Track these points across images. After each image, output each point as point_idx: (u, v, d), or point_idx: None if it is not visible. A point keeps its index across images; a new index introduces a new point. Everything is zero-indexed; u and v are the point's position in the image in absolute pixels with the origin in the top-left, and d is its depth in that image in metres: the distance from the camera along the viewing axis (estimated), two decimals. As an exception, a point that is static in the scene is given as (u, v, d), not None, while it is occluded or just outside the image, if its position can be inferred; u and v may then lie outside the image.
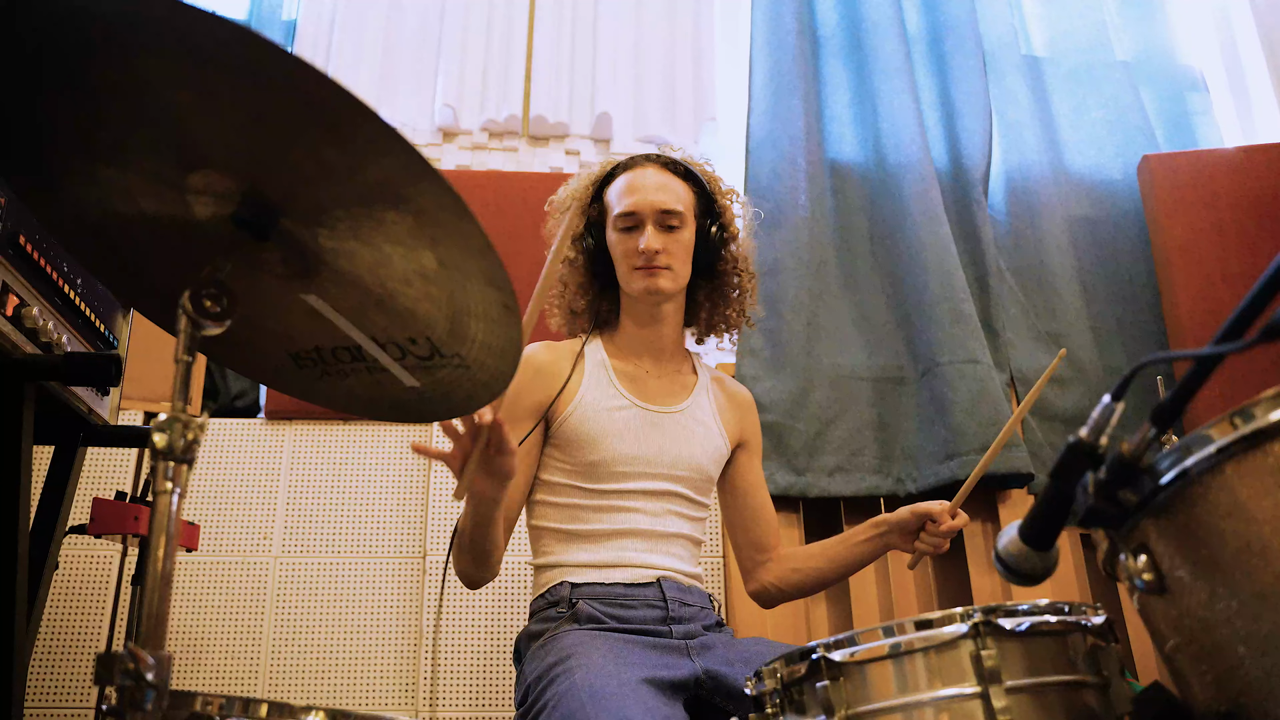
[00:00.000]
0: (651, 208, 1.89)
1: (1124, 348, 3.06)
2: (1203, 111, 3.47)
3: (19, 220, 1.50)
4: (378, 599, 2.53)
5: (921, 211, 2.95)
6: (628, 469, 1.87)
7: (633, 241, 1.90)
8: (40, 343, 1.55)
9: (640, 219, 1.89)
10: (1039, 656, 1.02)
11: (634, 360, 2.00)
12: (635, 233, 1.90)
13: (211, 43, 0.83)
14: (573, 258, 2.00)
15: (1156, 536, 0.86)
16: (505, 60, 3.23)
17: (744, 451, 2.08)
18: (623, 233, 1.92)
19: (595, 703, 1.43)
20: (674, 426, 1.94)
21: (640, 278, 1.90)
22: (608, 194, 1.97)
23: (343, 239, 1.01)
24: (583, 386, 1.91)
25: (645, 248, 1.87)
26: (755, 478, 2.08)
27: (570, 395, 1.90)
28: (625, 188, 1.93)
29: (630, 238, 1.90)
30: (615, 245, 1.94)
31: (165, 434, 0.88)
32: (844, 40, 3.27)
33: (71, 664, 2.38)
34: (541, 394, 1.89)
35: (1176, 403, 0.84)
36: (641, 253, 1.88)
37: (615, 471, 1.87)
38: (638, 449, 1.89)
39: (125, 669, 0.80)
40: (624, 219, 1.90)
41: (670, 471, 1.91)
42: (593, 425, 1.87)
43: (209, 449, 2.62)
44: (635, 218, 1.90)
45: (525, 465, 1.88)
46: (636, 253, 1.88)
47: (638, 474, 1.88)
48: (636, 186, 1.92)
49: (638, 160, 1.98)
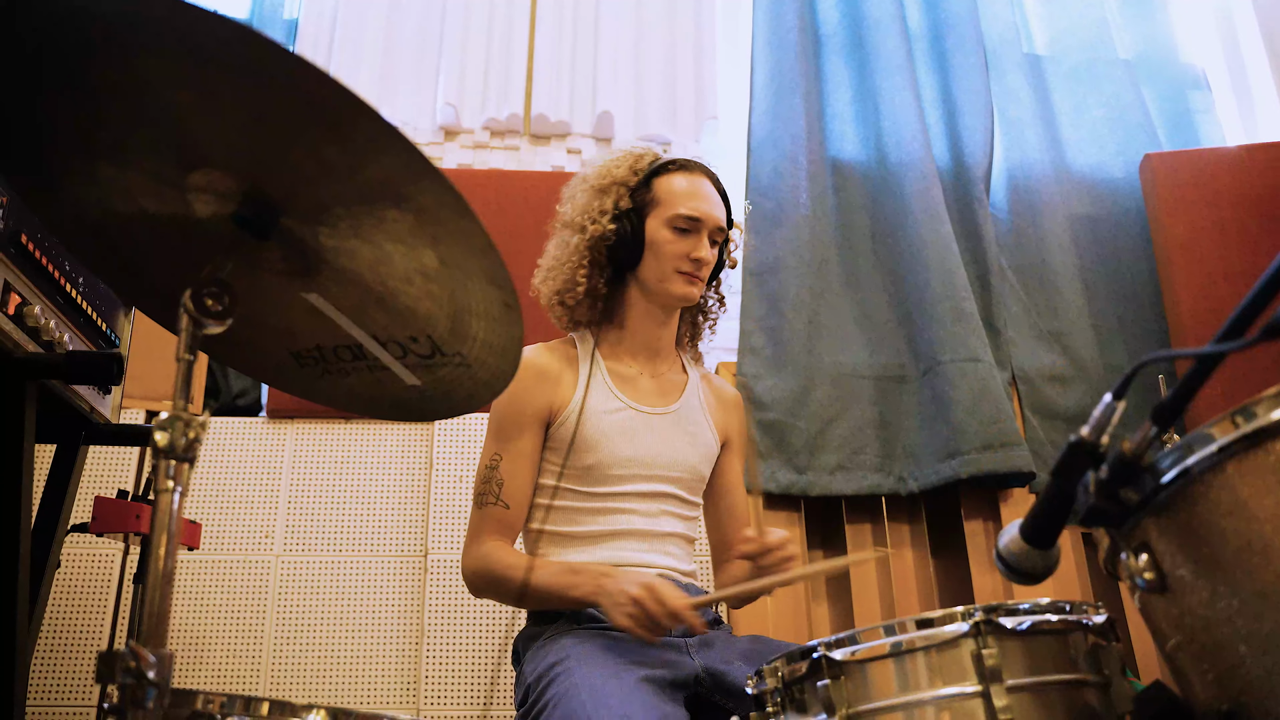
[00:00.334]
0: (714, 221, 1.91)
1: (1125, 346, 3.06)
2: (1204, 110, 3.46)
3: (21, 219, 1.50)
4: (379, 598, 2.53)
5: (923, 210, 2.95)
6: (623, 471, 1.87)
7: (686, 245, 1.89)
8: (42, 341, 1.56)
9: (701, 227, 1.90)
10: (1040, 655, 1.02)
11: (628, 360, 1.99)
12: (690, 237, 1.90)
13: (213, 42, 0.83)
14: (605, 234, 1.93)
15: (1158, 535, 0.86)
16: (506, 59, 3.23)
17: (727, 451, 2.08)
18: (677, 233, 1.90)
19: (596, 701, 1.43)
20: (667, 428, 1.95)
21: (683, 282, 1.90)
22: (661, 186, 1.94)
23: (344, 237, 1.01)
24: (579, 390, 1.91)
25: (702, 257, 1.89)
26: (734, 478, 2.09)
27: (567, 399, 1.89)
28: (692, 191, 1.92)
29: (685, 241, 1.90)
30: (666, 243, 1.91)
31: (167, 433, 0.88)
32: (845, 38, 3.27)
33: (73, 662, 2.38)
34: (544, 399, 1.88)
35: (1178, 401, 0.84)
36: (694, 260, 1.89)
37: (611, 474, 1.87)
38: (633, 451, 1.88)
39: (127, 667, 0.81)
40: (686, 221, 1.90)
41: (665, 473, 1.91)
42: (589, 429, 1.86)
43: (210, 448, 2.62)
44: (698, 224, 1.90)
45: (533, 474, 1.88)
46: (688, 258, 1.89)
47: (633, 476, 1.88)
48: (704, 195, 1.92)
49: (693, 167, 1.96)
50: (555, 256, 1.98)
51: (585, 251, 1.93)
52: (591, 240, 1.93)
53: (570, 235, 1.96)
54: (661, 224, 1.91)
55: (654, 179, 1.95)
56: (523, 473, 1.85)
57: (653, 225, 1.92)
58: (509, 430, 1.87)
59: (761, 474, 2.73)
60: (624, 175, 1.95)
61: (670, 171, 1.95)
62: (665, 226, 1.91)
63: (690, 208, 1.90)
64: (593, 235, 1.92)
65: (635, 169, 1.96)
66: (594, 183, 1.97)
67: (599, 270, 1.95)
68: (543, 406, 1.88)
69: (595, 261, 1.94)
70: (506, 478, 1.84)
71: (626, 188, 1.94)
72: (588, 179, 1.99)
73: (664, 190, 1.93)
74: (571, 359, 1.96)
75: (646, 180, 1.95)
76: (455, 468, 2.65)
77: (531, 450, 1.87)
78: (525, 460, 1.86)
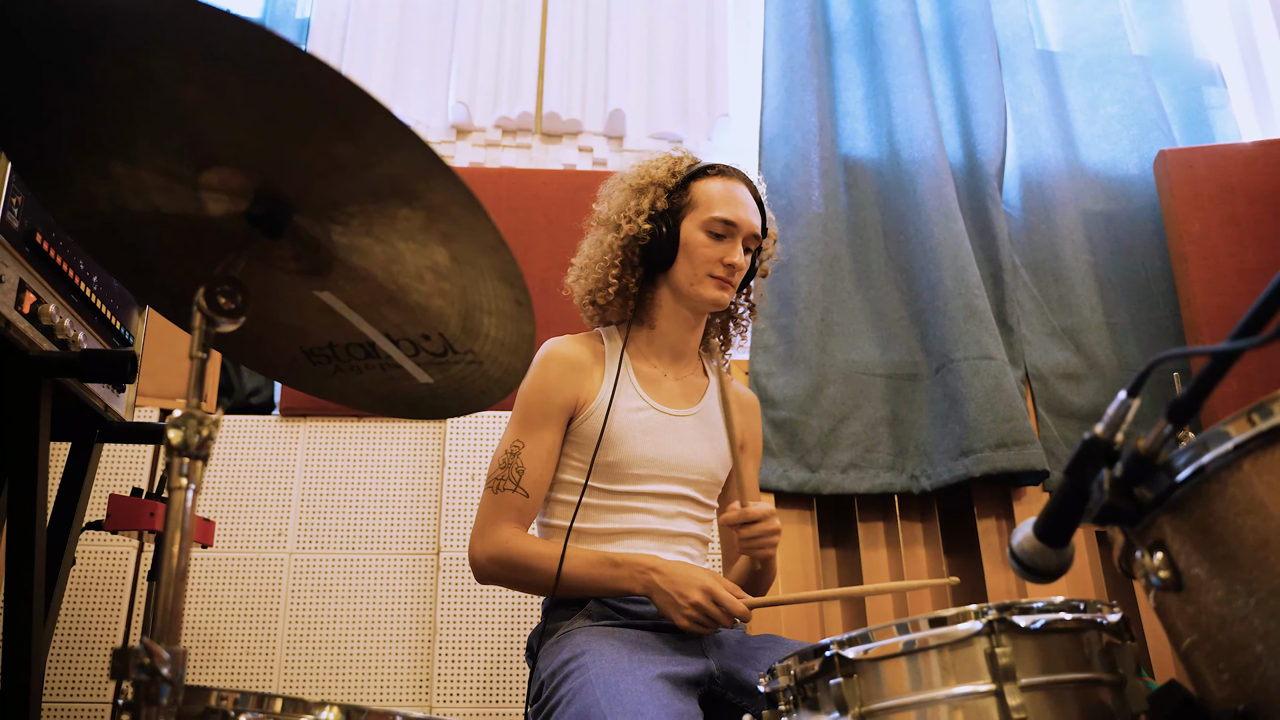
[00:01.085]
0: (749, 227, 1.92)
1: (1139, 343, 3.05)
2: (1220, 106, 3.44)
3: (36, 218, 1.51)
4: (391, 595, 2.54)
5: (935, 207, 2.94)
6: (643, 471, 1.87)
7: (720, 250, 1.90)
8: (57, 340, 1.56)
9: (736, 232, 1.91)
10: (1054, 654, 1.01)
11: (654, 361, 2.00)
12: (725, 242, 1.91)
13: (225, 40, 0.83)
14: (638, 234, 1.93)
15: (1173, 533, 0.85)
16: (518, 57, 3.23)
17: (743, 454, 2.04)
18: (712, 237, 1.91)
19: (610, 698, 1.43)
20: (687, 430, 1.95)
21: (714, 286, 1.91)
22: (698, 189, 1.95)
23: (356, 235, 1.01)
24: (604, 386, 1.91)
25: (736, 262, 1.89)
26: (746, 480, 2.03)
27: (592, 394, 1.89)
28: (728, 196, 1.92)
29: (718, 246, 1.91)
30: (700, 246, 1.91)
31: (180, 430, 0.88)
32: (857, 35, 3.26)
33: (88, 658, 2.39)
34: (572, 390, 1.89)
35: (1193, 399, 0.83)
36: (728, 265, 1.89)
37: (630, 473, 1.87)
38: (654, 451, 1.88)
39: (141, 663, 0.81)
40: (722, 225, 1.90)
41: (683, 475, 1.91)
42: (612, 426, 1.86)
43: (224, 446, 2.63)
44: (734, 229, 1.91)
45: (552, 465, 1.88)
46: (721, 263, 1.90)
47: (652, 476, 1.88)
48: (740, 201, 1.92)
49: (731, 173, 1.97)
50: (589, 255, 1.99)
51: (619, 251, 1.94)
52: (625, 239, 1.93)
53: (605, 234, 1.97)
54: (696, 227, 1.92)
55: (692, 182, 1.95)
56: (543, 463, 1.85)
57: (688, 228, 1.92)
58: (534, 419, 1.87)
59: (774, 472, 2.73)
60: (662, 176, 1.96)
61: (709, 176, 1.96)
62: (700, 230, 1.91)
63: (726, 212, 1.90)
64: (627, 234, 1.93)
65: (674, 171, 1.97)
66: (632, 182, 1.98)
67: (631, 270, 1.95)
68: (570, 398, 1.88)
69: (628, 261, 1.95)
70: (527, 466, 1.83)
71: (664, 189, 1.95)
72: (626, 178, 2.00)
73: (701, 194, 1.93)
74: (599, 354, 1.96)
75: (684, 183, 1.95)
76: (467, 465, 2.66)
77: (553, 442, 1.86)
78: (546, 451, 1.85)
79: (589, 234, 2.04)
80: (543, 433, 1.86)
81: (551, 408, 1.87)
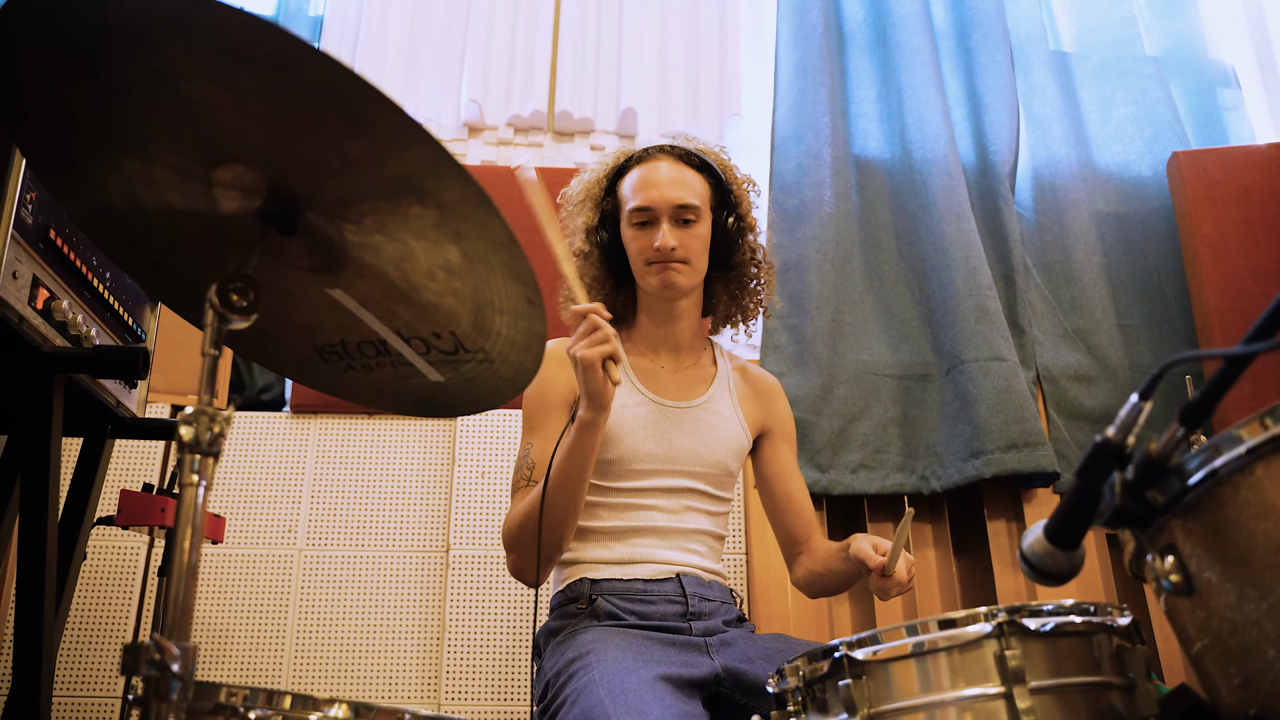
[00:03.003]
0: (667, 203, 1.85)
1: (1151, 346, 3.03)
2: (1234, 107, 3.42)
3: (49, 214, 1.51)
4: (401, 593, 2.55)
5: (947, 207, 2.93)
6: (645, 467, 1.86)
7: (648, 238, 1.86)
8: (69, 335, 1.57)
9: (655, 215, 1.86)
10: (1064, 657, 1.01)
11: (650, 355, 1.98)
12: (650, 229, 1.87)
13: (238, 38, 0.83)
14: (588, 251, 1.95)
15: (1184, 537, 0.85)
16: (530, 56, 3.23)
17: (768, 439, 2.03)
18: (637, 228, 1.88)
19: (613, 698, 1.43)
20: (691, 422, 1.92)
21: (655, 274, 1.87)
22: (621, 187, 1.93)
23: (367, 233, 1.02)
24: None
25: (660, 245, 1.84)
26: (782, 465, 2.02)
27: None
28: (639, 182, 1.89)
29: (645, 234, 1.87)
30: (630, 241, 1.90)
31: (191, 427, 0.89)
32: (870, 35, 3.26)
33: (99, 654, 2.40)
34: (567, 385, 1.87)
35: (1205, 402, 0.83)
36: (657, 249, 1.84)
37: (632, 470, 1.85)
38: (654, 446, 1.86)
39: (151, 659, 0.81)
40: (638, 214, 1.87)
41: (688, 468, 1.88)
42: (610, 423, 1.82)
43: (235, 442, 2.64)
44: (650, 213, 1.86)
45: None
46: (652, 249, 1.85)
47: (655, 471, 1.86)
48: (651, 181, 1.88)
49: (651, 152, 1.92)
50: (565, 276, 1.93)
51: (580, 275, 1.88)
52: (580, 263, 1.94)
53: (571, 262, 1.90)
54: (626, 224, 1.91)
55: (618, 181, 1.94)
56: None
57: (623, 228, 1.92)
58: (536, 419, 1.87)
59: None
60: (593, 190, 1.96)
61: (629, 169, 1.93)
62: (628, 226, 1.90)
63: (639, 199, 1.87)
64: (581, 252, 1.95)
65: (605, 177, 1.96)
66: (577, 198, 1.99)
67: (606, 283, 1.97)
68: (566, 392, 1.87)
69: (597, 277, 1.96)
70: (538, 461, 1.81)
71: (594, 201, 1.95)
72: (574, 195, 2.00)
73: (624, 190, 1.92)
74: None
75: (611, 186, 1.95)
76: (478, 464, 2.66)
77: (558, 431, 1.82)
78: (554, 442, 1.79)
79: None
80: (547, 427, 1.85)
81: (550, 402, 1.86)
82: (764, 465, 2.03)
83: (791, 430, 2.08)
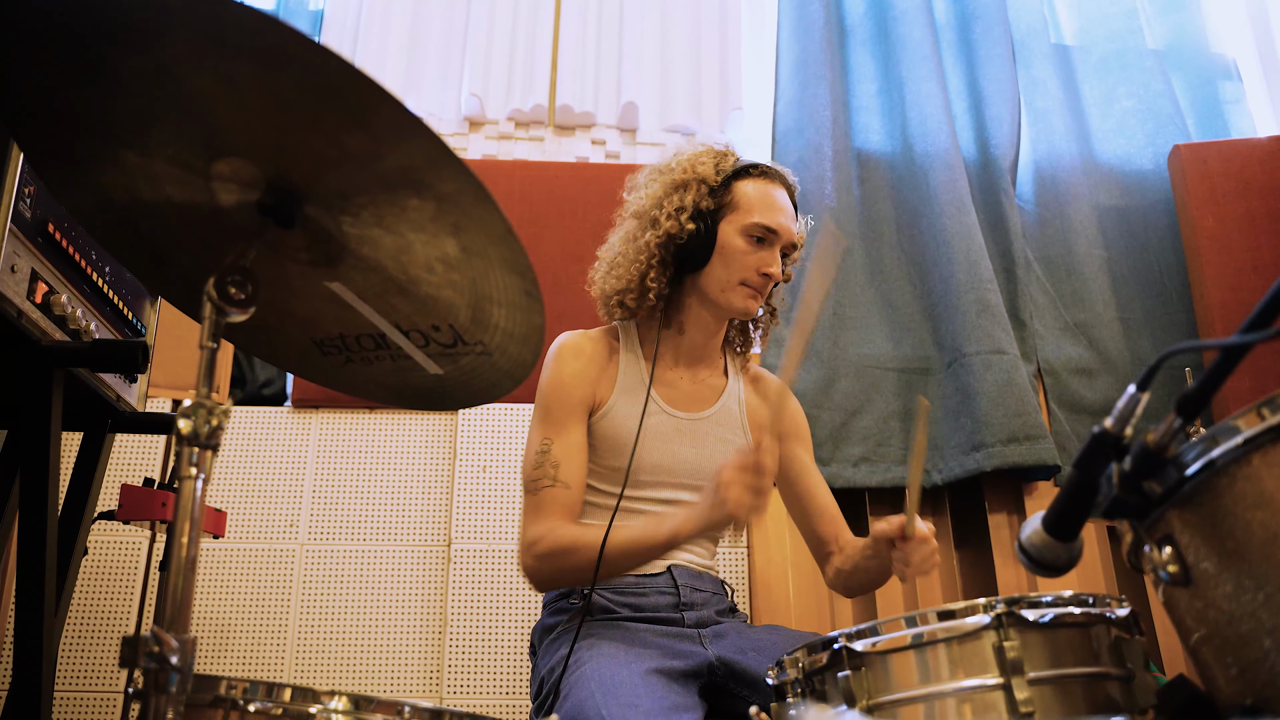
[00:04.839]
0: (789, 236, 1.83)
1: (1152, 339, 3.03)
2: (1235, 100, 3.42)
3: (48, 208, 1.51)
4: (402, 586, 2.55)
5: (949, 201, 2.93)
6: (648, 478, 1.83)
7: (758, 258, 1.80)
8: (69, 330, 1.57)
9: (777, 240, 1.82)
10: (1062, 648, 1.01)
11: (671, 364, 1.92)
12: (763, 249, 1.81)
13: (237, 31, 0.83)
14: (675, 232, 1.80)
15: (1182, 528, 0.85)
16: (531, 50, 3.23)
17: (781, 444, 1.96)
18: (751, 241, 1.81)
19: (605, 692, 1.43)
20: (698, 434, 1.88)
21: (745, 295, 1.82)
22: (742, 191, 1.83)
23: (366, 226, 1.02)
24: (617, 388, 1.85)
25: (772, 273, 1.80)
26: (800, 467, 1.97)
27: (605, 395, 1.83)
28: (770, 200, 1.82)
29: (757, 253, 1.81)
30: (735, 252, 1.81)
31: (190, 420, 0.89)
32: (871, 29, 3.26)
33: (100, 648, 2.41)
34: (590, 386, 1.83)
35: (1203, 392, 0.83)
36: (764, 274, 1.80)
37: (635, 480, 1.81)
38: (662, 458, 1.83)
39: (150, 652, 0.81)
40: (762, 230, 1.80)
41: (689, 480, 1.85)
42: (623, 431, 1.80)
43: (237, 436, 2.64)
44: (775, 237, 1.81)
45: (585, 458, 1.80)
46: (757, 271, 1.80)
47: (659, 483, 1.84)
48: (781, 206, 1.83)
49: (773, 175, 1.86)
50: (621, 252, 1.88)
51: (655, 250, 1.82)
52: (663, 237, 1.81)
53: (641, 230, 1.85)
54: (735, 231, 1.81)
55: (734, 181, 1.84)
56: (577, 456, 1.77)
57: (726, 230, 1.81)
58: (558, 414, 1.79)
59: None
60: (707, 172, 1.83)
61: (751, 176, 1.85)
62: (739, 234, 1.80)
63: (768, 219, 1.80)
64: (666, 232, 1.81)
65: (719, 167, 1.85)
66: (675, 176, 1.85)
67: (664, 270, 1.84)
68: (588, 393, 1.82)
69: (663, 260, 1.84)
70: (562, 460, 1.74)
71: (708, 186, 1.83)
72: (665, 170, 1.88)
73: (742, 195, 1.82)
74: (614, 351, 1.89)
75: (727, 182, 1.84)
76: (479, 458, 2.66)
77: (580, 436, 1.79)
78: (576, 445, 1.78)
79: (619, 226, 1.93)
80: (569, 426, 1.79)
81: (573, 401, 1.80)
82: (781, 469, 1.96)
83: (805, 432, 2.04)
